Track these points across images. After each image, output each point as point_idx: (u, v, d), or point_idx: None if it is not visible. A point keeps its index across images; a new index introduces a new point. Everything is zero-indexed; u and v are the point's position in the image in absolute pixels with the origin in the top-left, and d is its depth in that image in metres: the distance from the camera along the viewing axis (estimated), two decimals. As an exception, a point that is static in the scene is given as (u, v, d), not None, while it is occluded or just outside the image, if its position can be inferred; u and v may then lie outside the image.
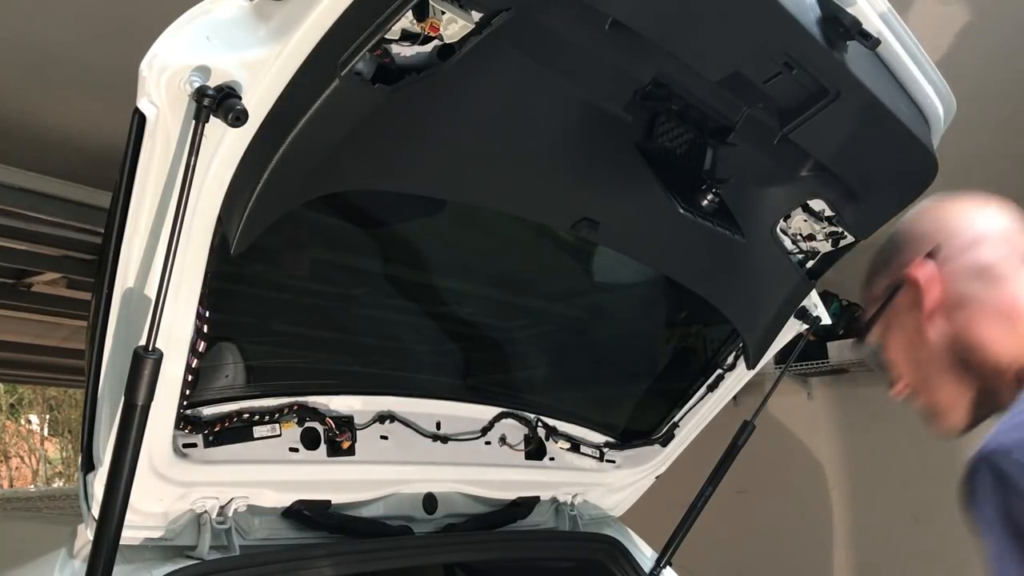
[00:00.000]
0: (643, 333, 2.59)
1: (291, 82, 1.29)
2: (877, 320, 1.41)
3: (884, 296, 1.40)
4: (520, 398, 2.34)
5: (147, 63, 1.23)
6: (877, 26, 1.59)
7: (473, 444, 2.20)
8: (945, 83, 1.82)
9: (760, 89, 1.56)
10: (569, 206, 1.84)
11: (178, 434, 1.68)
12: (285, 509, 1.91)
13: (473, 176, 1.68)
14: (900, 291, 1.36)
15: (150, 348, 1.31)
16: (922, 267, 1.34)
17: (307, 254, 1.97)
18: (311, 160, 1.39)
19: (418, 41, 1.33)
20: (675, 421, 2.52)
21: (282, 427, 1.87)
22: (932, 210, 1.42)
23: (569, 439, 2.41)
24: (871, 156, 1.78)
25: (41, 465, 15.95)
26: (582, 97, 1.60)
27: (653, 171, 1.65)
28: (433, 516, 2.16)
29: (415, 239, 2.08)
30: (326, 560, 1.88)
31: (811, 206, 2.03)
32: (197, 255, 1.44)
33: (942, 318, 1.33)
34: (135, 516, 1.63)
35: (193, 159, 1.26)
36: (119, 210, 1.37)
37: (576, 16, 1.37)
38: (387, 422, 2.05)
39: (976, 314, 1.31)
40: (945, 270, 1.33)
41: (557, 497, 2.46)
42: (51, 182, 3.32)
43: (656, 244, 2.01)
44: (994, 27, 2.93)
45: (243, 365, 1.85)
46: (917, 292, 1.34)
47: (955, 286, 1.33)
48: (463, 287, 2.26)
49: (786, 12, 1.37)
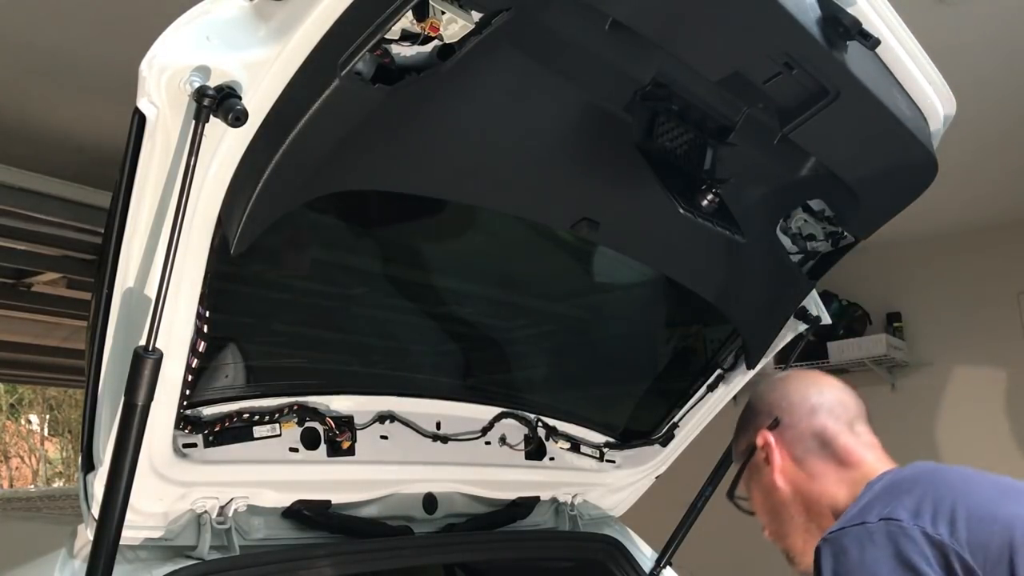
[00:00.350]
0: (643, 333, 2.59)
1: (291, 82, 1.29)
2: (742, 474, 1.69)
3: (744, 455, 1.67)
4: (520, 398, 2.34)
5: (147, 63, 1.23)
6: (877, 26, 1.59)
7: (473, 444, 2.20)
8: (945, 83, 1.82)
9: (760, 89, 1.56)
10: (569, 206, 1.84)
11: (178, 434, 1.68)
12: (285, 509, 1.91)
13: (473, 176, 1.68)
14: (755, 452, 1.64)
15: (150, 348, 1.31)
16: (767, 435, 1.62)
17: (307, 254, 1.97)
18: (311, 160, 1.39)
19: (418, 41, 1.33)
20: (675, 421, 2.52)
21: (282, 427, 1.86)
22: (779, 383, 1.70)
23: (569, 439, 2.41)
24: (871, 156, 1.78)
25: (41, 465, 15.94)
26: (582, 97, 1.60)
27: (653, 171, 1.65)
28: (433, 516, 2.16)
29: (415, 239, 2.08)
30: (326, 560, 1.88)
31: (811, 206, 2.03)
32: (197, 255, 1.43)
33: (787, 475, 1.60)
34: (135, 516, 1.62)
35: (193, 159, 1.25)
36: (119, 210, 1.37)
37: (576, 16, 1.37)
38: (387, 422, 2.04)
39: (813, 470, 1.59)
40: (787, 435, 1.61)
41: (557, 497, 2.46)
42: (51, 182, 3.32)
43: (656, 244, 2.01)
44: (994, 27, 2.93)
45: (243, 365, 1.85)
46: (769, 453, 1.61)
47: (796, 448, 1.60)
48: (463, 287, 2.26)
49: (786, 12, 1.37)
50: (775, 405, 1.65)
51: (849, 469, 1.57)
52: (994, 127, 3.53)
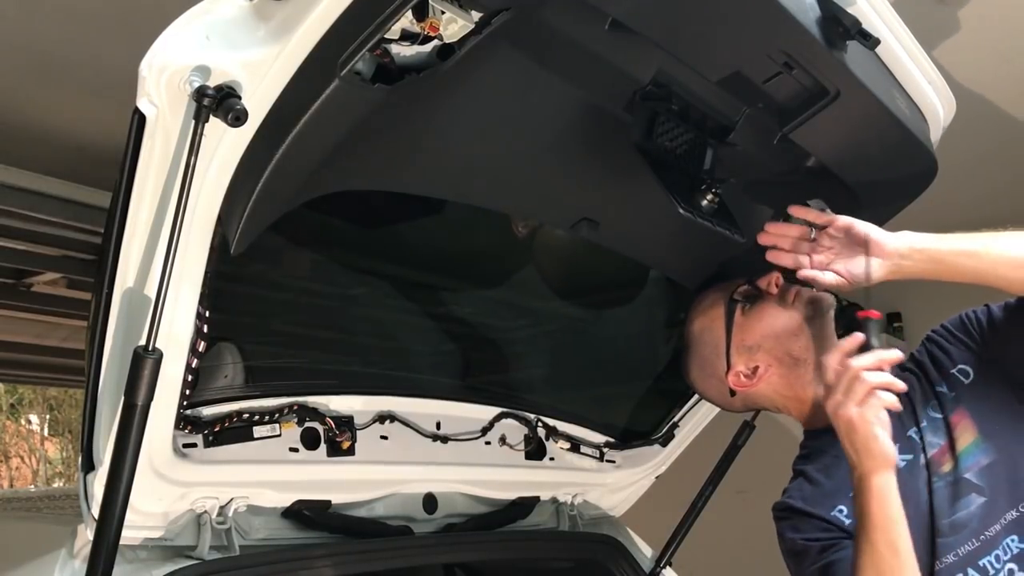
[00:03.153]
0: (643, 333, 2.59)
1: (291, 82, 1.28)
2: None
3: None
4: (520, 398, 2.34)
5: (147, 63, 1.23)
6: (877, 26, 1.59)
7: (473, 444, 2.20)
8: (945, 83, 1.82)
9: (760, 89, 1.56)
10: (569, 206, 1.84)
11: (178, 434, 1.68)
12: (285, 509, 1.91)
13: (473, 176, 1.68)
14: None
15: (150, 348, 1.31)
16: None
17: (307, 254, 1.97)
18: (311, 160, 1.39)
19: (418, 41, 1.33)
20: (675, 421, 2.52)
21: (282, 427, 1.87)
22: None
23: (569, 439, 2.41)
24: (871, 156, 1.78)
25: (41, 465, 15.94)
26: (582, 97, 1.60)
27: (653, 171, 1.65)
28: (433, 516, 2.16)
29: (415, 239, 2.08)
30: (326, 560, 1.88)
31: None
32: (197, 255, 1.43)
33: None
34: (135, 516, 1.62)
35: (193, 159, 1.25)
36: (119, 210, 1.37)
37: (576, 16, 1.37)
38: (387, 422, 2.04)
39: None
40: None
41: (557, 497, 2.46)
42: (51, 182, 3.32)
43: (656, 244, 2.01)
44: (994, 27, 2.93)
45: (243, 365, 1.85)
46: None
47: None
48: (463, 287, 2.26)
49: (786, 12, 1.37)
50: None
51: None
52: (994, 127, 3.53)
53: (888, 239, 1.64)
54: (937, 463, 1.66)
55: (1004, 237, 1.62)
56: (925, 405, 1.71)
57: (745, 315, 1.84)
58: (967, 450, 1.64)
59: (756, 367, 1.83)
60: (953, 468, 1.64)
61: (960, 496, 1.61)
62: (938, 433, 1.68)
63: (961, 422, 1.67)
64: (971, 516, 1.60)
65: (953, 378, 1.71)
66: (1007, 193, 4.54)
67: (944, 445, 1.66)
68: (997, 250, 1.61)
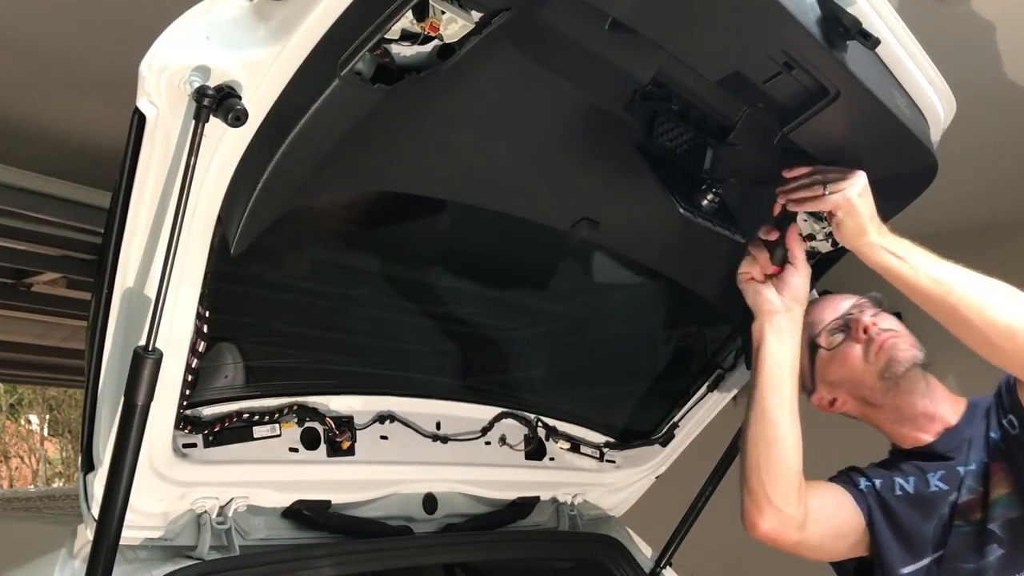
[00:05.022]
0: (643, 333, 2.59)
1: (291, 82, 1.28)
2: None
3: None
4: (520, 398, 2.34)
5: (147, 63, 1.23)
6: (877, 26, 1.58)
7: (473, 444, 2.20)
8: (945, 83, 1.82)
9: (760, 89, 1.56)
10: (569, 206, 1.84)
11: (178, 434, 1.68)
12: (285, 509, 1.91)
13: (473, 176, 1.68)
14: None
15: (150, 348, 1.31)
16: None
17: (307, 254, 1.97)
18: (311, 160, 1.39)
19: (418, 41, 1.33)
20: (675, 421, 2.52)
21: (282, 427, 1.87)
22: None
23: (569, 439, 2.41)
24: (871, 156, 1.78)
25: (41, 465, 15.95)
26: (582, 97, 1.60)
27: (653, 171, 1.65)
28: (433, 516, 2.16)
29: (415, 239, 2.08)
30: (326, 560, 1.88)
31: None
32: (197, 255, 1.43)
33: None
34: (135, 516, 1.62)
35: (193, 159, 1.25)
36: (119, 210, 1.37)
37: (576, 16, 1.37)
38: (387, 422, 2.04)
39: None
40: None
41: (557, 497, 2.46)
42: (51, 182, 3.32)
43: (656, 244, 2.01)
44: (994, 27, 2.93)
45: (243, 365, 1.85)
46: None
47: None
48: (463, 287, 2.26)
49: (786, 12, 1.37)
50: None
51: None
52: (994, 127, 3.53)
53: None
54: (969, 509, 1.75)
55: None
56: (982, 446, 1.80)
57: (831, 352, 1.93)
58: (998, 500, 1.73)
59: (835, 399, 1.96)
60: (982, 518, 1.73)
61: (983, 545, 1.71)
62: (978, 479, 1.76)
63: (999, 473, 1.75)
64: (988, 566, 1.69)
65: (1004, 428, 1.79)
66: (1007, 193, 4.54)
67: (980, 493, 1.75)
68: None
